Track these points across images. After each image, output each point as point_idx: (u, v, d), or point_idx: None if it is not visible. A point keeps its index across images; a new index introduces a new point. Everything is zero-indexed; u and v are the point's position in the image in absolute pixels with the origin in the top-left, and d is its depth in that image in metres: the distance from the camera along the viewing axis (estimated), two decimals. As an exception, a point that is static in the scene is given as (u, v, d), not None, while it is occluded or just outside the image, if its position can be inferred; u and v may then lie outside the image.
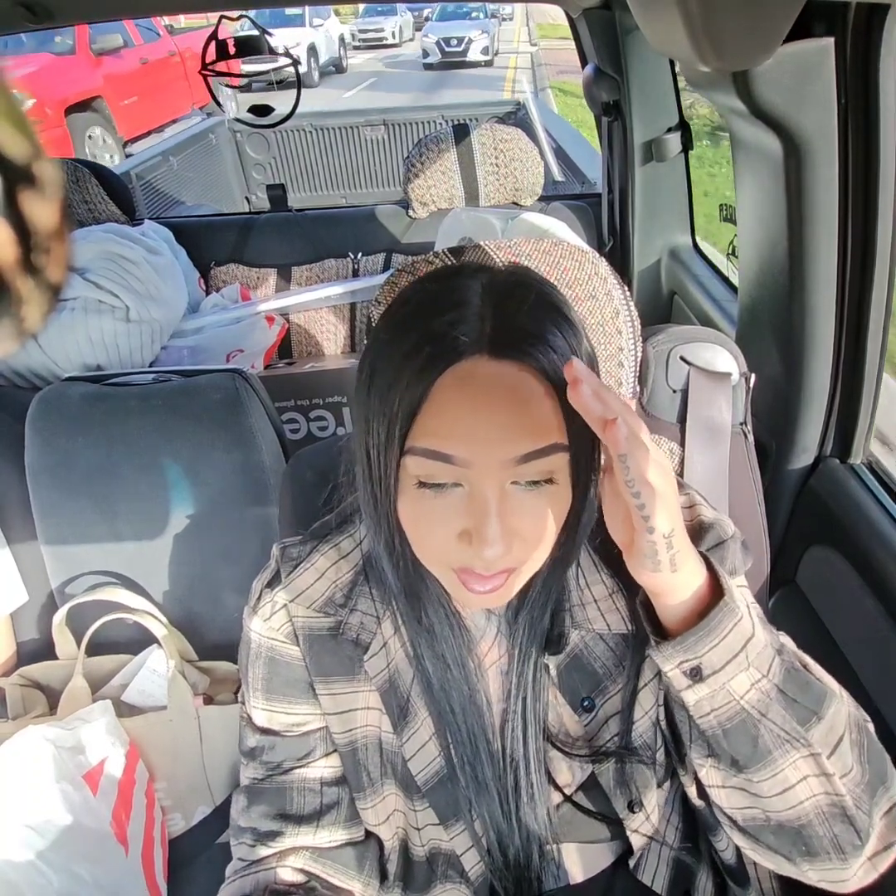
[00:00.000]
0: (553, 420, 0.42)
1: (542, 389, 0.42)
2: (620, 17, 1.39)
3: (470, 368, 0.41)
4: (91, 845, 0.87)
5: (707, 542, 0.53)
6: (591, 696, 0.54)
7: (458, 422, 0.41)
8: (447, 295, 0.43)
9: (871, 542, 0.80)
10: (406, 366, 0.41)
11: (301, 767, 0.56)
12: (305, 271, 1.89)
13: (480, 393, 0.41)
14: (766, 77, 0.68)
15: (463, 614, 0.54)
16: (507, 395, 0.41)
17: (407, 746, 0.55)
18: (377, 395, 0.43)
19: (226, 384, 1.04)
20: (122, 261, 1.48)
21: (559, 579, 0.52)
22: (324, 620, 0.55)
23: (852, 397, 0.88)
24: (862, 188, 0.76)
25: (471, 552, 0.43)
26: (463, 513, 0.43)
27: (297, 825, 0.55)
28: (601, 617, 0.54)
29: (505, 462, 0.42)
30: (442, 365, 0.41)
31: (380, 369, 0.43)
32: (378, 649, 0.54)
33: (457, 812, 0.55)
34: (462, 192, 1.75)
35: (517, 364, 0.41)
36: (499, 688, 0.55)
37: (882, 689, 0.77)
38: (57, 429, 1.05)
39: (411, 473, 0.43)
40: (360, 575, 0.55)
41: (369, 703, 0.56)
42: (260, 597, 0.57)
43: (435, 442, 0.42)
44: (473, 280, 0.43)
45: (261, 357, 1.75)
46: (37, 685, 1.08)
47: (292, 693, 0.56)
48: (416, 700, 0.54)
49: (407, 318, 0.43)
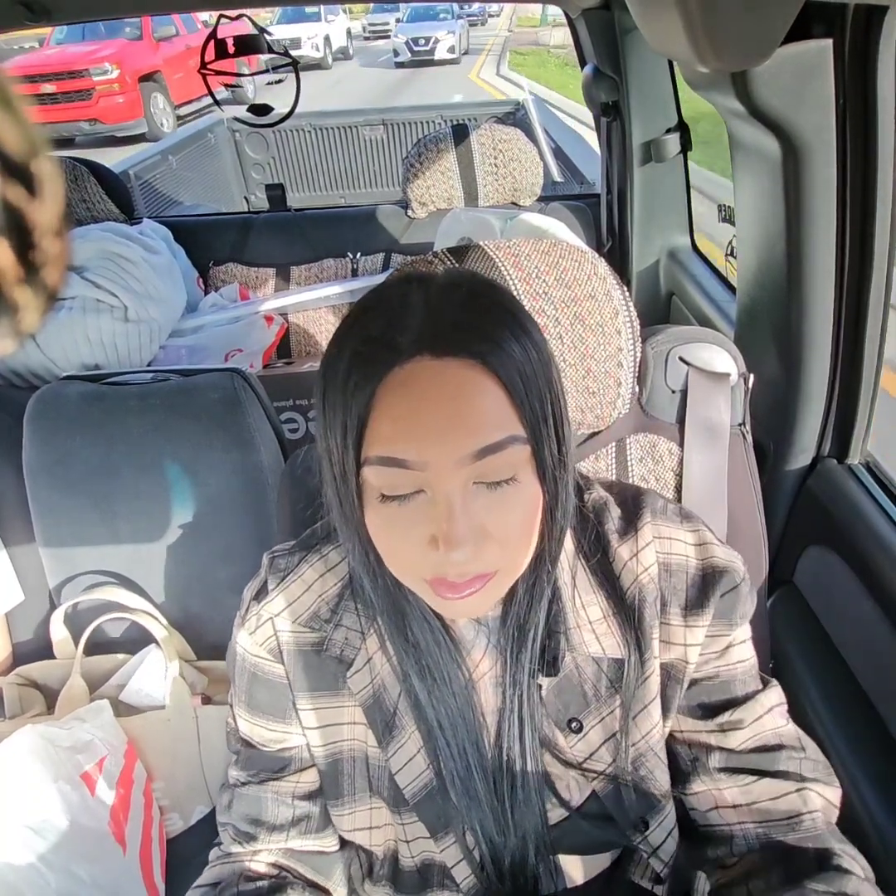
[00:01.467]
0: (505, 413, 0.42)
1: (490, 383, 0.41)
2: (619, 17, 1.39)
3: (412, 370, 0.41)
4: (89, 845, 0.87)
5: (722, 587, 0.52)
6: (579, 718, 0.53)
7: (406, 424, 0.41)
8: (384, 303, 0.44)
9: (868, 542, 0.80)
10: (350, 375, 0.41)
11: (275, 780, 0.57)
12: (304, 271, 1.89)
13: (425, 392, 0.41)
14: (765, 78, 0.68)
15: (450, 627, 0.53)
16: (453, 392, 0.41)
17: (393, 760, 0.54)
18: (329, 406, 0.43)
19: (224, 384, 1.04)
20: (121, 260, 1.48)
21: (542, 580, 0.51)
22: (309, 635, 0.55)
23: (850, 398, 0.88)
24: (860, 189, 0.76)
25: (441, 558, 0.42)
26: (428, 519, 0.43)
27: (269, 832, 0.57)
28: (596, 640, 0.52)
29: (460, 459, 0.41)
30: (383, 368, 0.41)
31: (329, 381, 0.43)
32: (362, 665, 0.54)
33: (447, 825, 0.55)
34: (461, 192, 1.76)
35: (459, 360, 0.41)
36: (492, 700, 0.54)
37: (879, 690, 0.78)
38: (55, 428, 1.05)
39: (373, 485, 0.43)
40: (346, 588, 0.55)
41: (355, 717, 0.55)
42: (248, 607, 0.56)
43: (387, 448, 0.41)
44: (411, 286, 0.43)
45: (259, 356, 1.75)
46: (34, 685, 1.08)
47: (272, 712, 0.56)
48: (404, 714, 0.54)
49: (347, 329, 0.44)
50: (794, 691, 0.85)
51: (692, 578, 0.53)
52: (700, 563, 0.53)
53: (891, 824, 0.69)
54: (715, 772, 0.54)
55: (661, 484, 0.72)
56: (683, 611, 0.53)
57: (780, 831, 0.52)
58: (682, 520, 0.55)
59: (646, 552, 0.53)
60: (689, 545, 0.54)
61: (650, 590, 0.52)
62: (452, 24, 14.64)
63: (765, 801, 0.53)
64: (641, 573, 0.53)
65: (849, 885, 0.47)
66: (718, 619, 0.53)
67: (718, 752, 0.54)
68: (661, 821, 0.54)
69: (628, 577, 0.53)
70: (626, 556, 0.53)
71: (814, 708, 0.82)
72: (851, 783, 0.74)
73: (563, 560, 0.52)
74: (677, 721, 0.55)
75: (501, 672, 0.53)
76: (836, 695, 0.82)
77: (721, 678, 0.55)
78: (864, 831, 0.70)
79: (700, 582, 0.53)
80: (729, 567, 0.53)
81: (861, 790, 0.73)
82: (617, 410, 0.67)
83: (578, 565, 0.53)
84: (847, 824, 0.54)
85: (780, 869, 0.50)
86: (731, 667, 0.55)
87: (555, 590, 0.52)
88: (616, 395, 0.66)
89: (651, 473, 0.72)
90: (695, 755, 0.55)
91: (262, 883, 0.56)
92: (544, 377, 0.43)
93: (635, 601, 0.52)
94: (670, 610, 0.53)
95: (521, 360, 0.42)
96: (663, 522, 0.54)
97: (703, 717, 0.55)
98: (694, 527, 0.55)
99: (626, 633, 0.52)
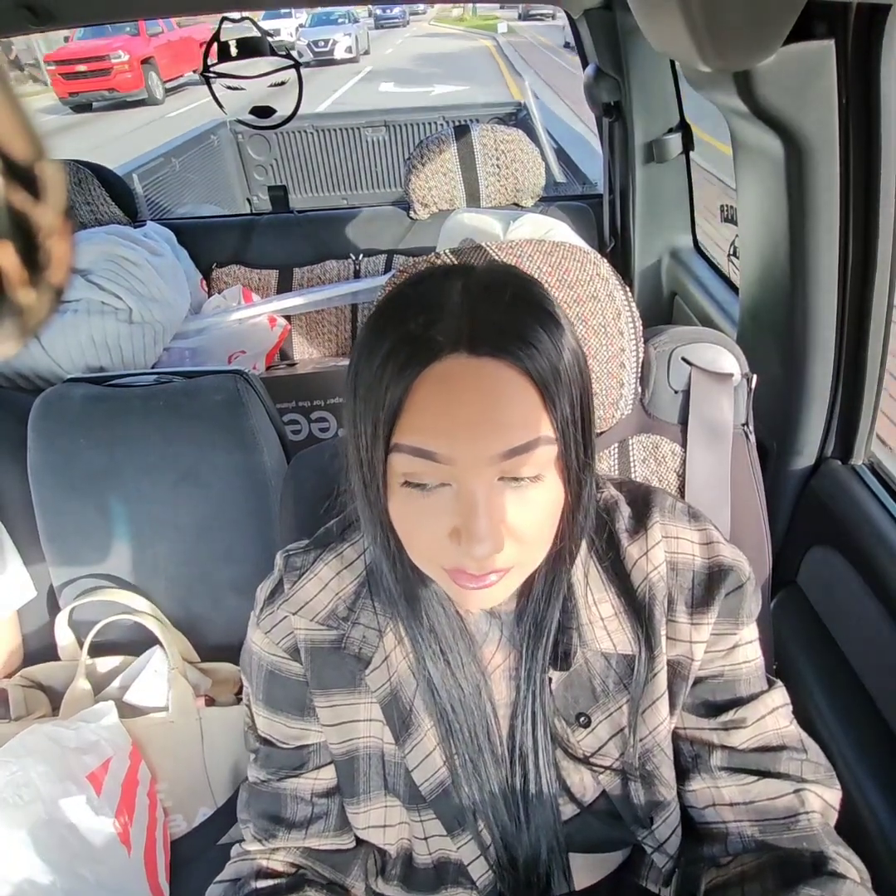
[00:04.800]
0: (537, 414, 0.42)
1: (524, 384, 0.42)
2: (621, 17, 1.39)
3: (449, 367, 0.41)
4: (94, 845, 0.87)
5: (727, 585, 0.53)
6: (588, 713, 0.54)
7: (440, 419, 0.41)
8: (424, 297, 0.43)
9: (872, 542, 0.80)
10: (386, 368, 0.42)
11: (294, 777, 0.58)
12: (307, 272, 1.89)
13: (460, 390, 0.41)
14: (768, 77, 0.68)
15: (465, 618, 0.54)
16: (488, 392, 0.41)
17: (410, 757, 0.55)
18: (361, 397, 0.44)
19: (227, 385, 1.04)
20: (125, 262, 1.48)
21: (560, 579, 0.51)
22: (326, 633, 0.55)
23: (854, 398, 0.87)
24: (863, 188, 0.76)
25: (461, 551, 0.43)
26: (451, 511, 0.43)
27: (288, 829, 0.58)
28: (608, 637, 0.53)
29: (489, 458, 0.41)
30: (420, 366, 0.41)
31: (362, 373, 0.43)
32: (380, 663, 0.54)
33: (463, 822, 0.55)
34: (463, 193, 1.75)
35: (496, 360, 0.41)
36: (505, 692, 0.55)
37: (883, 690, 0.77)
38: (59, 430, 1.05)
39: (398, 472, 0.43)
40: (362, 586, 0.55)
41: (371, 714, 0.56)
42: (263, 607, 0.56)
43: (418, 439, 0.42)
44: (450, 280, 0.43)
45: (262, 358, 1.75)
46: (39, 686, 1.08)
47: (290, 710, 0.57)
48: (420, 710, 0.54)
49: (386, 321, 0.44)
50: (798, 692, 0.84)
51: (698, 576, 0.53)
52: (706, 562, 0.54)
53: (894, 823, 0.69)
54: (716, 770, 0.54)
55: (664, 485, 0.72)
56: (689, 608, 0.53)
57: (776, 830, 0.52)
58: (689, 518, 0.56)
59: (655, 551, 0.53)
60: (695, 544, 0.54)
61: (660, 588, 0.53)
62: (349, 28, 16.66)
63: (762, 800, 0.53)
64: (651, 571, 0.53)
65: (843, 889, 0.47)
66: (724, 617, 0.53)
67: (720, 750, 0.54)
68: (666, 817, 0.55)
69: (638, 575, 0.53)
70: (636, 554, 0.54)
71: (817, 708, 0.82)
72: (855, 783, 0.73)
73: (577, 558, 0.53)
74: (681, 718, 0.56)
75: (515, 665, 0.54)
76: (840, 695, 0.82)
77: (726, 677, 0.55)
78: (868, 831, 0.70)
79: (706, 580, 0.53)
80: (735, 566, 0.54)
81: (865, 791, 0.73)
82: (620, 411, 0.67)
83: (591, 563, 0.54)
84: (850, 825, 0.54)
85: (775, 873, 0.50)
86: (736, 666, 0.55)
87: (569, 586, 0.53)
88: (619, 395, 0.66)
89: (654, 474, 0.72)
90: (696, 752, 0.55)
91: (280, 881, 0.57)
92: (578, 379, 0.44)
93: (646, 598, 0.53)
94: (676, 607, 0.53)
95: (556, 362, 0.42)
96: (671, 521, 0.55)
97: (707, 715, 0.55)
98: (701, 525, 0.55)
99: (637, 630, 0.53)
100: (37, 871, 0.82)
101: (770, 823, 0.52)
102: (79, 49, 11.82)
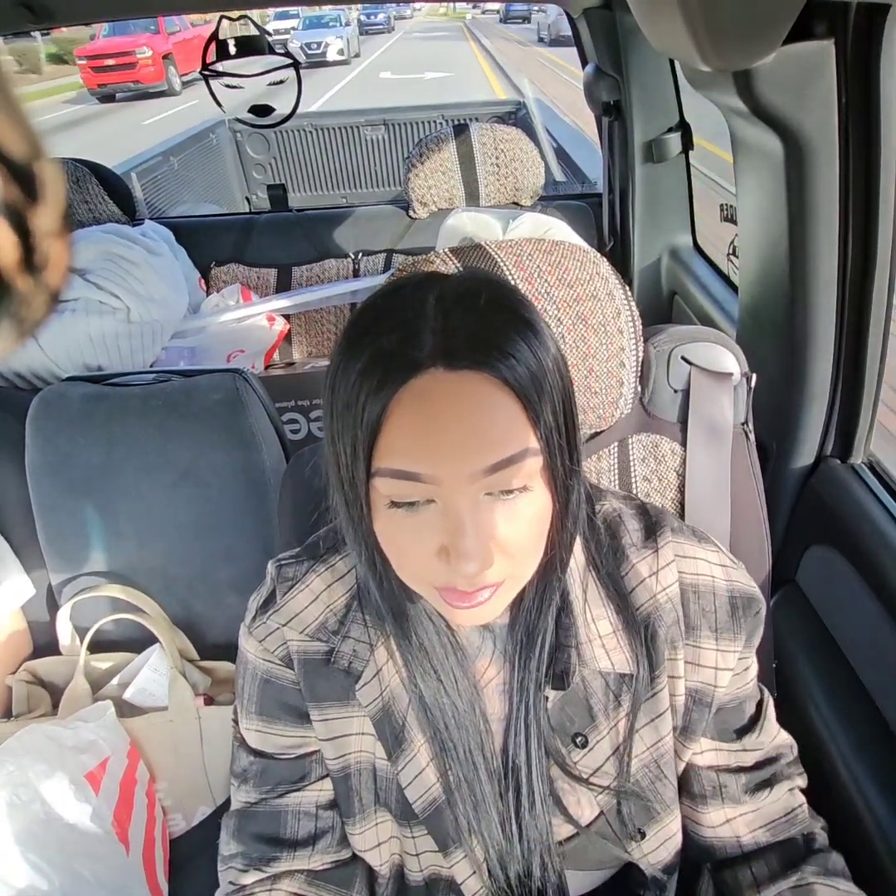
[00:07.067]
0: (520, 426, 0.41)
1: (505, 396, 0.40)
2: (621, 16, 1.39)
3: (426, 383, 0.39)
4: (93, 845, 0.87)
5: (749, 613, 0.53)
6: (584, 733, 0.53)
7: (420, 438, 0.40)
8: (396, 311, 0.42)
9: (871, 541, 0.80)
10: (362, 386, 0.40)
11: (297, 791, 0.55)
12: (306, 271, 1.89)
13: (440, 407, 0.40)
14: (768, 77, 0.68)
15: (457, 632, 0.53)
16: (468, 407, 0.40)
17: (403, 774, 0.53)
18: (339, 414, 0.42)
19: (226, 384, 1.04)
20: (123, 261, 1.48)
21: (552, 587, 0.50)
22: (317, 646, 0.54)
23: (853, 397, 0.87)
24: (862, 188, 0.76)
25: (450, 569, 0.42)
26: (438, 530, 0.42)
27: (292, 849, 0.55)
28: (606, 655, 0.52)
29: (473, 474, 0.40)
30: (395, 384, 0.39)
31: (338, 389, 0.42)
32: (371, 678, 0.53)
33: (456, 839, 0.54)
34: (462, 192, 1.75)
35: (474, 373, 0.40)
36: (498, 707, 0.54)
37: (882, 689, 0.77)
38: (57, 429, 1.05)
39: (382, 494, 0.42)
40: (353, 599, 0.54)
41: (363, 728, 0.54)
42: (255, 617, 0.55)
43: (399, 461, 0.40)
44: (423, 292, 0.42)
45: (261, 357, 1.75)
46: (40, 682, 1.08)
47: (287, 717, 0.55)
48: (413, 726, 0.53)
49: (360, 335, 0.42)
50: (797, 690, 0.85)
51: (720, 600, 0.53)
52: (725, 584, 0.53)
53: (894, 822, 0.69)
54: (741, 796, 0.55)
55: (664, 484, 0.72)
56: (714, 633, 0.52)
57: (784, 830, 0.55)
58: (699, 539, 0.55)
59: (666, 571, 0.52)
60: (713, 565, 0.54)
61: (667, 609, 0.52)
62: (340, 31, 17.34)
63: (768, 806, 0.55)
64: (659, 592, 0.52)
65: (829, 860, 0.54)
66: (746, 645, 0.53)
67: (743, 774, 0.55)
68: (658, 831, 0.55)
69: (644, 594, 0.52)
70: (644, 572, 0.52)
71: (817, 707, 0.82)
72: (854, 782, 0.74)
73: (574, 572, 0.52)
74: (699, 744, 0.55)
75: (508, 678, 0.53)
76: (839, 694, 0.82)
77: (739, 699, 0.55)
78: (867, 829, 0.70)
79: (728, 606, 0.53)
80: (755, 594, 0.54)
81: (864, 789, 0.73)
82: (619, 410, 0.67)
83: (589, 578, 0.53)
84: (850, 825, 0.55)
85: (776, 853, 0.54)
86: (745, 686, 0.55)
87: (566, 602, 0.52)
88: (618, 394, 0.66)
89: (653, 473, 0.72)
90: (722, 782, 0.55)
91: None
92: (559, 387, 0.43)
93: (650, 618, 0.52)
94: (701, 633, 0.52)
95: (536, 370, 0.41)
96: (685, 541, 0.54)
97: (728, 740, 0.56)
98: (713, 547, 0.55)
99: (637, 649, 0.52)
100: (35, 870, 0.82)
101: (777, 824, 0.55)
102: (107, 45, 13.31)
